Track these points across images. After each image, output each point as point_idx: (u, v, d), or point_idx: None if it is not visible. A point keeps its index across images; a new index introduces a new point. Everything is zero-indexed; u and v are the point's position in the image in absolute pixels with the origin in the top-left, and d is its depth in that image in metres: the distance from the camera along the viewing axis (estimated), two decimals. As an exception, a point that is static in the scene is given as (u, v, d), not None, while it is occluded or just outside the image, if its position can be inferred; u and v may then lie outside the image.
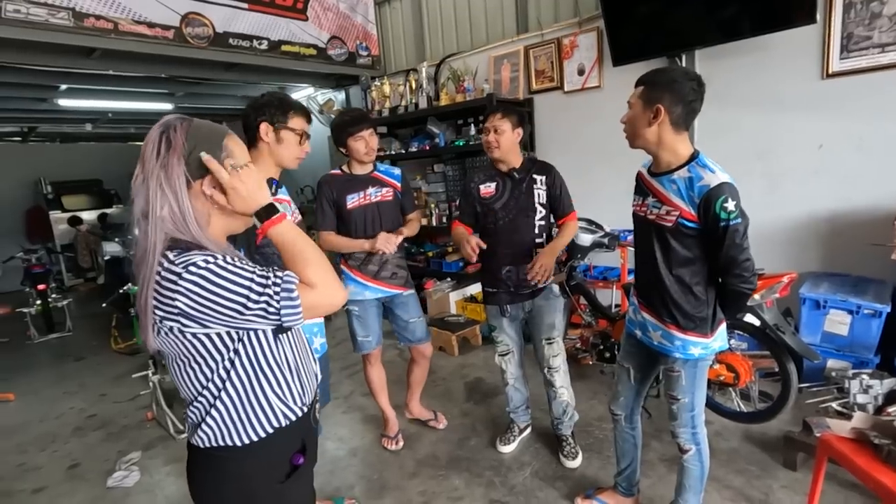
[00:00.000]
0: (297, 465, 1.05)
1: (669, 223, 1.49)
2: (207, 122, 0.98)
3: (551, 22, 3.91)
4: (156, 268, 0.87)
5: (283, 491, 1.03)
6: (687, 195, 1.44)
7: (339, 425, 2.87)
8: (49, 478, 2.58)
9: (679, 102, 1.43)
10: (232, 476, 0.99)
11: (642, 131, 1.49)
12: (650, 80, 1.48)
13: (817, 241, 2.97)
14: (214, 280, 0.86)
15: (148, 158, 0.91)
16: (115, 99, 5.70)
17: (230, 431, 0.98)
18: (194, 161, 0.91)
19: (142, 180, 0.91)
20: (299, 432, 1.07)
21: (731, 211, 1.37)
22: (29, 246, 6.98)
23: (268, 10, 4.16)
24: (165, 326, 0.89)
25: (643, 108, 1.47)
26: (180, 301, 0.86)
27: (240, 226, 1.02)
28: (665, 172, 1.51)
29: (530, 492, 2.17)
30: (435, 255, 4.75)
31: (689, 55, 3.19)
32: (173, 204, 0.89)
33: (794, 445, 2.11)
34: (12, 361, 4.51)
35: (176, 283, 0.85)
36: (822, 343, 2.69)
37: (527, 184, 2.19)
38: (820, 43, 2.78)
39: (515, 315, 2.31)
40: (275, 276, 0.90)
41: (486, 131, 2.18)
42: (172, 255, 0.87)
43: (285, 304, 0.89)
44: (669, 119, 1.44)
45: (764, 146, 3.06)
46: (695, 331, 1.55)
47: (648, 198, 1.57)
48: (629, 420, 1.88)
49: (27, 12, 3.08)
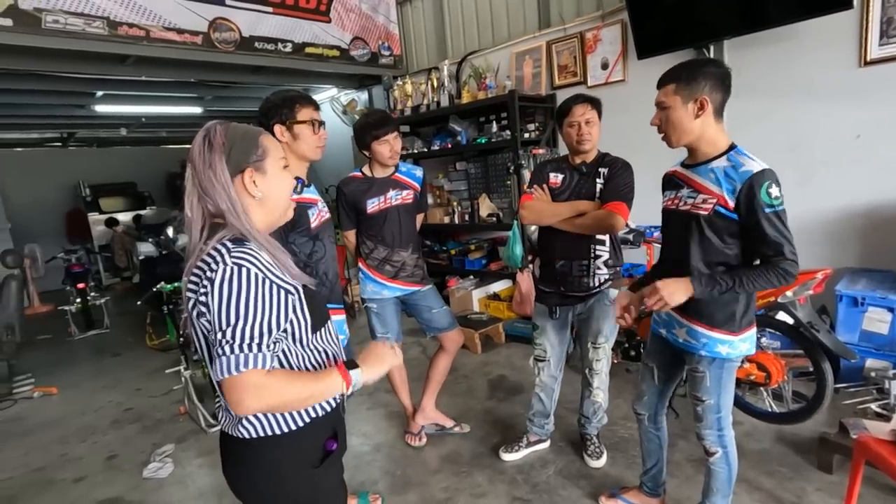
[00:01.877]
0: (331, 450, 1.09)
1: (705, 211, 1.45)
2: (245, 124, 1.05)
3: (574, 16, 3.86)
4: (205, 249, 0.94)
5: (316, 476, 1.06)
6: (727, 183, 1.41)
7: (363, 421, 2.91)
8: (89, 468, 2.70)
9: (719, 89, 1.43)
10: (268, 463, 1.03)
11: (688, 127, 1.46)
12: (683, 75, 1.45)
13: (854, 236, 2.85)
14: (241, 293, 0.90)
15: (196, 160, 0.98)
16: (148, 104, 5.92)
17: (271, 422, 1.01)
18: (234, 157, 0.98)
19: (193, 182, 0.99)
20: (331, 420, 1.10)
21: (777, 197, 1.35)
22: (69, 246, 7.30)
23: (292, 13, 4.24)
24: (196, 309, 0.94)
25: (683, 102, 1.44)
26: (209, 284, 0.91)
27: (277, 220, 1.08)
28: (703, 162, 1.49)
29: (553, 490, 2.15)
30: (458, 253, 4.75)
31: (718, 46, 3.10)
32: (224, 197, 0.97)
33: (830, 447, 2.04)
34: (55, 357, 4.73)
35: (216, 264, 0.91)
36: (861, 342, 2.58)
37: (591, 178, 2.08)
38: (857, 29, 2.67)
39: (564, 320, 2.23)
40: (259, 350, 0.89)
41: (572, 125, 2.02)
42: (230, 243, 0.94)
43: (226, 363, 0.88)
44: (712, 108, 1.43)
45: (796, 137, 2.96)
46: (722, 328, 1.51)
47: (683, 189, 1.54)
48: (653, 420, 1.85)
49: (65, 22, 3.22)
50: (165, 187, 10.06)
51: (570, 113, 2.04)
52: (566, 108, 2.06)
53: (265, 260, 0.95)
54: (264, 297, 0.92)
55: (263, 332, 0.90)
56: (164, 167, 9.96)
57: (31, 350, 4.74)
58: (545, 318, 2.24)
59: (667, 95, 1.47)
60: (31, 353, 4.66)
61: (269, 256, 0.97)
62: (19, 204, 7.92)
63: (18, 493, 2.53)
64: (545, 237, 2.20)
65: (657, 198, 1.67)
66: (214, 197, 0.97)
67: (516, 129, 3.80)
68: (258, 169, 1.01)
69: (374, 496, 2.19)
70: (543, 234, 2.22)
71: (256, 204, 1.02)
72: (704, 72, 1.43)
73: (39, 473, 2.70)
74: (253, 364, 0.88)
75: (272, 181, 1.03)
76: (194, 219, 0.99)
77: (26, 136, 7.78)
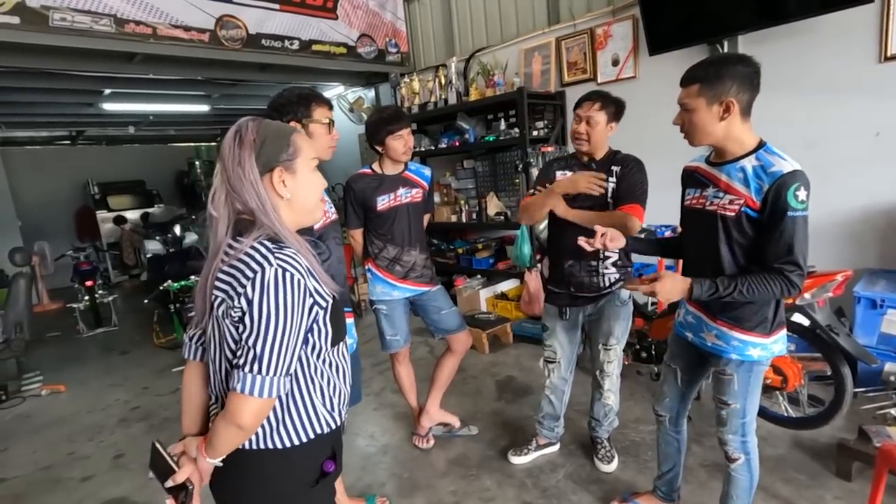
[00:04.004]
0: (328, 471, 1.05)
1: (732, 213, 1.40)
2: (278, 122, 1.04)
3: (584, 12, 3.81)
4: (237, 247, 0.92)
5: (312, 496, 1.03)
6: (755, 182, 1.35)
7: (370, 422, 2.88)
8: (96, 467, 2.70)
9: (747, 89, 1.36)
10: (265, 476, 1.00)
11: (711, 129, 1.40)
12: (708, 74, 1.38)
13: (874, 236, 2.78)
14: (283, 299, 0.88)
15: (226, 156, 0.96)
16: (156, 102, 5.93)
17: (278, 433, 0.98)
18: (264, 155, 0.96)
19: (221, 178, 0.96)
20: (331, 440, 1.07)
21: (802, 201, 1.30)
22: (78, 244, 7.35)
23: (298, 10, 4.21)
24: (222, 307, 0.92)
25: (707, 105, 1.38)
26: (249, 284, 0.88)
27: (303, 221, 1.05)
28: (730, 161, 1.43)
29: (563, 494, 2.12)
30: (465, 252, 4.71)
31: (732, 41, 3.03)
32: (253, 195, 0.94)
33: (850, 454, 1.98)
34: (63, 354, 4.75)
35: (258, 265, 0.89)
36: (879, 345, 2.51)
37: None
38: (878, 23, 2.60)
39: (574, 321, 2.19)
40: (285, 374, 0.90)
41: (576, 119, 1.97)
42: (269, 243, 0.92)
43: (251, 382, 0.88)
44: (739, 109, 1.37)
45: (813, 135, 2.88)
46: (755, 330, 1.46)
47: (708, 188, 1.48)
48: (674, 423, 1.79)
49: (72, 20, 3.21)
50: (174, 185, 10.12)
51: (579, 106, 1.99)
52: (579, 100, 2.01)
53: (304, 265, 0.93)
54: (301, 309, 0.91)
55: (294, 349, 0.91)
56: (172, 165, 10.00)
57: (39, 347, 4.78)
58: (555, 319, 2.20)
59: (690, 96, 1.41)
60: (40, 351, 4.69)
61: (305, 261, 0.95)
62: (29, 202, 7.98)
63: (26, 492, 2.53)
64: (554, 236, 2.16)
65: (669, 196, 1.62)
66: (243, 194, 0.94)
67: (525, 126, 3.75)
68: (288, 168, 0.98)
69: (381, 499, 2.17)
70: (552, 234, 2.17)
71: (284, 204, 0.99)
72: (732, 71, 1.35)
73: (47, 472, 2.69)
74: (276, 392, 0.89)
75: (302, 181, 1.00)
76: (220, 216, 0.96)
77: (35, 134, 7.83)
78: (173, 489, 0.98)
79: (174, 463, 1.00)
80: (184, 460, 1.01)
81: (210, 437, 0.96)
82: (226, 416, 0.91)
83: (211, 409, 1.07)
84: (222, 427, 0.92)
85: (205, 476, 1.00)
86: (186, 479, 0.97)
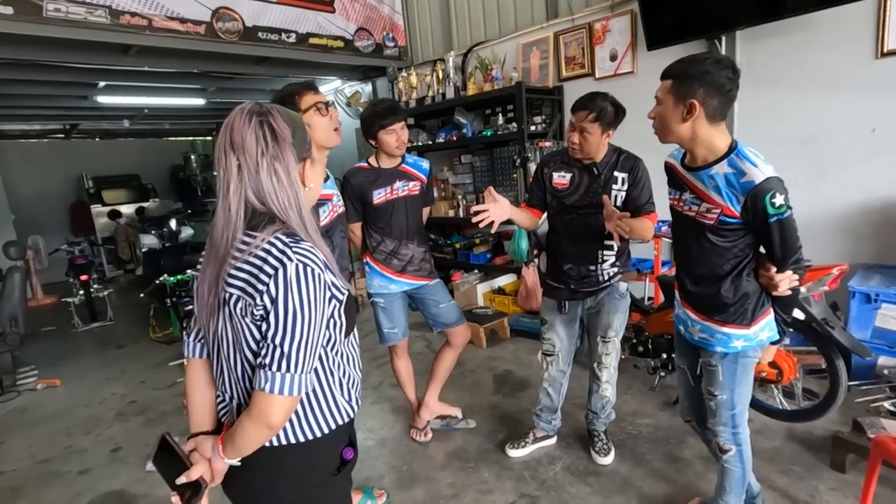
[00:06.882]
0: (348, 459, 1.06)
1: (711, 221, 1.41)
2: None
3: (582, 6, 3.80)
4: (251, 243, 0.88)
5: (335, 484, 1.04)
6: (728, 192, 1.36)
7: (368, 416, 2.89)
8: (93, 460, 2.69)
9: (715, 94, 1.32)
10: (290, 470, 1.00)
11: (674, 127, 1.38)
12: (680, 72, 1.35)
13: (869, 231, 2.80)
14: (306, 295, 0.86)
15: (251, 148, 0.87)
16: (151, 95, 5.88)
17: (301, 427, 0.98)
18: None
19: (240, 171, 0.89)
20: (347, 430, 1.08)
21: (781, 205, 1.30)
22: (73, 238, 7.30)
23: (296, 2, 4.18)
24: (240, 305, 0.88)
25: (674, 103, 1.36)
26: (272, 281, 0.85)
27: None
28: (702, 167, 1.42)
29: (561, 487, 2.13)
30: (462, 247, 4.72)
31: (730, 37, 3.04)
32: (289, 191, 0.90)
33: (844, 446, 2.00)
34: (59, 349, 4.72)
35: (278, 261, 0.85)
36: (873, 339, 2.54)
37: (606, 181, 1.99)
38: (874, 19, 2.60)
39: (573, 315, 2.20)
40: (310, 371, 0.90)
41: (570, 127, 1.98)
42: (285, 238, 0.88)
43: (280, 381, 0.86)
44: (705, 113, 1.34)
45: (810, 131, 2.90)
46: (734, 323, 1.48)
47: (686, 193, 1.49)
48: (704, 423, 1.73)
49: (67, 11, 3.17)
50: (169, 180, 10.05)
51: (574, 112, 1.99)
52: (574, 105, 1.99)
53: (321, 258, 0.90)
54: (323, 303, 0.89)
55: (317, 344, 0.89)
56: (168, 159, 9.94)
57: (34, 342, 4.75)
58: (554, 313, 2.21)
59: (662, 91, 1.40)
60: (35, 345, 4.67)
61: (322, 255, 0.92)
62: (23, 195, 7.92)
63: (23, 485, 2.52)
64: (552, 241, 2.16)
65: (664, 194, 1.64)
66: (275, 190, 0.88)
67: (523, 121, 3.75)
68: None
69: (379, 491, 2.18)
70: (550, 238, 2.18)
71: (304, 194, 0.95)
72: (701, 73, 1.31)
73: (44, 465, 2.69)
74: (304, 389, 0.88)
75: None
76: (234, 210, 0.89)
77: (29, 127, 7.75)
78: (180, 486, 0.96)
79: (187, 459, 0.97)
80: (196, 457, 0.98)
81: (233, 437, 0.92)
82: (253, 416, 0.88)
83: (219, 407, 1.05)
84: (251, 427, 0.89)
85: (218, 476, 0.98)
86: (199, 476, 0.96)
